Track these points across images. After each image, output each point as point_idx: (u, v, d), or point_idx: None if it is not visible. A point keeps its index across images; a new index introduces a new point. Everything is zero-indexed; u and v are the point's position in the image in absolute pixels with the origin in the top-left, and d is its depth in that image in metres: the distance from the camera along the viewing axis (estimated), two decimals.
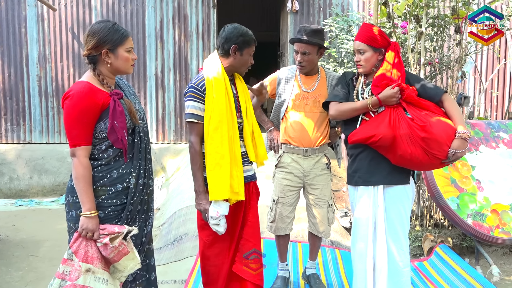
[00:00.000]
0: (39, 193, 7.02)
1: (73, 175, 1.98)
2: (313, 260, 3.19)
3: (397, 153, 2.35)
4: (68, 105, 1.96)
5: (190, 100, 2.36)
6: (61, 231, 5.02)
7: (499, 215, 3.48)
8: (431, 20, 4.28)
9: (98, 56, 2.04)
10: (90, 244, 1.98)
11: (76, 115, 1.95)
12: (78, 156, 1.97)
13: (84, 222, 1.96)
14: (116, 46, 2.04)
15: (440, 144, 2.29)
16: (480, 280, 3.18)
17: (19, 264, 4.04)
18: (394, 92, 2.35)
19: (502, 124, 4.02)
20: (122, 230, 2.00)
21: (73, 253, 1.95)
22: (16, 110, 7.37)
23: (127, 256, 2.02)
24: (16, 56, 7.29)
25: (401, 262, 2.44)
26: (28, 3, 7.22)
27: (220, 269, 2.45)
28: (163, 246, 4.21)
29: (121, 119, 2.02)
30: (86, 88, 1.98)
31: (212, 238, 2.42)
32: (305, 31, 2.84)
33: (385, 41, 2.48)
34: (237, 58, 2.42)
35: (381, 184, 2.45)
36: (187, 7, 7.33)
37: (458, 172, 3.61)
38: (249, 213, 2.48)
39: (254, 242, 2.47)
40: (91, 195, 1.98)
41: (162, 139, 7.46)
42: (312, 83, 2.95)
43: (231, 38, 2.39)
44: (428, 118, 2.33)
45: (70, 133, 1.98)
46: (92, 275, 1.95)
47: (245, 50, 2.41)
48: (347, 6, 7.36)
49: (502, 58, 6.05)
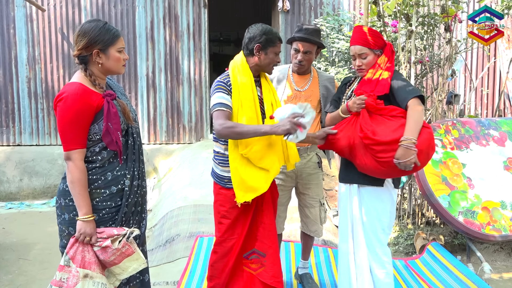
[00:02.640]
0: (29, 195, 6.95)
1: (69, 179, 1.94)
2: (305, 259, 3.18)
3: (356, 162, 2.37)
4: (62, 108, 1.91)
5: (219, 92, 2.35)
6: (52, 234, 4.97)
7: (490, 212, 3.50)
8: (421, 19, 4.29)
9: (89, 56, 2.00)
10: (87, 249, 1.95)
11: (70, 118, 1.91)
12: (73, 159, 1.93)
13: (81, 226, 1.93)
14: (108, 46, 2.01)
15: (387, 151, 2.21)
16: (472, 277, 3.20)
17: (9, 267, 3.99)
18: (357, 101, 2.36)
19: (492, 121, 4.04)
20: (121, 232, 1.98)
21: (70, 259, 1.93)
22: (5, 112, 7.29)
23: (130, 257, 2.00)
24: (5, 57, 7.21)
25: (378, 268, 2.40)
26: (17, 3, 7.14)
27: (226, 265, 2.46)
28: (155, 247, 4.18)
29: (115, 120, 1.99)
30: (80, 89, 1.94)
31: (224, 236, 2.46)
32: (307, 30, 2.80)
33: (382, 42, 2.45)
34: (261, 57, 2.41)
35: (354, 183, 2.46)
36: (177, 7, 7.29)
37: (449, 170, 3.63)
38: (264, 214, 2.48)
39: (270, 244, 2.45)
40: (87, 199, 1.95)
41: (153, 140, 7.42)
42: (305, 83, 2.94)
43: (255, 37, 2.38)
44: (376, 126, 2.27)
45: (64, 136, 1.93)
46: (90, 280, 1.93)
47: (270, 49, 2.40)
48: (338, 5, 7.36)
49: (492, 56, 6.09)
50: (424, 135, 2.23)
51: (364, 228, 2.42)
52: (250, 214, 2.44)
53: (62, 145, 1.96)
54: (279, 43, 2.43)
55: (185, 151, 6.89)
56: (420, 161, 2.21)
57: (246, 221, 2.44)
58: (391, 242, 4.05)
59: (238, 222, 2.44)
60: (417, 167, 2.23)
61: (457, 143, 3.78)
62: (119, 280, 2.07)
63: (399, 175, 2.39)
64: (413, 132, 2.20)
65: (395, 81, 2.38)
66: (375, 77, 2.38)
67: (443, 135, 3.78)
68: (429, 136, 2.26)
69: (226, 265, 2.45)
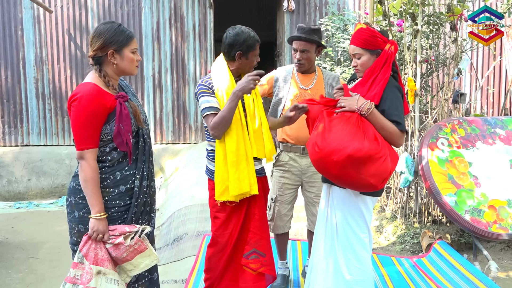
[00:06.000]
0: (37, 195, 7.01)
1: (81, 177, 1.98)
2: None
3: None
4: (76, 108, 1.95)
5: (204, 96, 2.41)
6: (60, 233, 5.03)
7: (497, 211, 3.50)
8: (426, 18, 4.30)
9: (104, 57, 2.05)
10: (100, 246, 1.99)
11: (84, 118, 1.95)
12: (86, 158, 1.97)
13: (94, 224, 1.98)
14: (122, 47, 2.06)
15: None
16: (479, 276, 3.20)
17: (19, 266, 4.04)
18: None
19: (498, 120, 4.04)
20: (133, 229, 2.02)
21: (84, 256, 1.97)
22: (13, 113, 7.36)
23: (143, 253, 2.05)
24: (12, 58, 7.28)
25: (348, 274, 2.33)
26: (24, 5, 7.21)
27: (221, 259, 2.51)
28: (162, 246, 4.22)
29: (127, 122, 2.03)
30: (94, 90, 1.98)
31: (219, 231, 2.51)
32: (303, 30, 2.88)
33: (381, 42, 2.33)
34: (243, 62, 2.46)
35: (327, 182, 2.43)
36: (183, 8, 7.33)
37: (455, 169, 3.63)
38: (256, 207, 2.52)
39: (262, 234, 2.51)
40: (100, 197, 1.99)
41: (160, 140, 7.47)
42: (309, 82, 2.98)
43: (235, 45, 2.42)
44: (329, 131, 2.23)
45: (78, 136, 1.97)
46: (103, 276, 1.97)
47: (250, 53, 2.45)
48: (343, 5, 7.37)
49: (498, 55, 6.07)
50: (375, 146, 2.15)
51: (340, 236, 2.37)
52: (244, 208, 2.50)
53: (75, 145, 2.00)
54: (257, 45, 2.48)
55: (191, 151, 6.93)
56: (345, 166, 2.12)
57: (240, 216, 2.49)
58: (397, 241, 4.06)
59: (232, 217, 2.49)
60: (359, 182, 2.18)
61: (464, 142, 3.78)
62: (130, 277, 2.10)
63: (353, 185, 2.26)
64: (378, 115, 2.22)
65: (385, 101, 2.28)
66: (368, 81, 2.33)
67: (449, 134, 3.79)
68: (376, 152, 2.14)
69: (221, 258, 2.51)
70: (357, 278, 2.34)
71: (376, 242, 4.15)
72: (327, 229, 2.43)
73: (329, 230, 2.41)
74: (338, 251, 2.37)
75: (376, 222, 4.42)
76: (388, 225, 4.30)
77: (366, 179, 2.14)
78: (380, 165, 2.15)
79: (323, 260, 2.42)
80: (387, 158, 2.18)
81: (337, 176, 2.20)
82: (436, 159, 3.63)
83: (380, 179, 2.18)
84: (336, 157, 2.11)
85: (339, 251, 2.37)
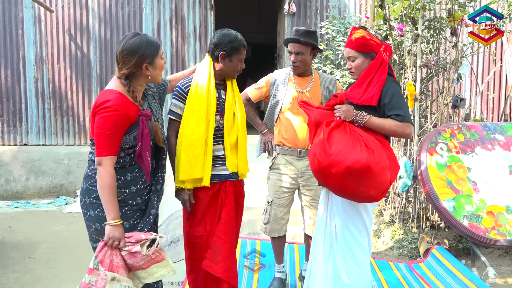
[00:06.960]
0: (35, 194, 7.00)
1: (99, 184, 1.99)
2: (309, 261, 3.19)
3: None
4: (104, 115, 1.97)
5: (174, 99, 2.45)
6: (57, 233, 5.01)
7: (495, 217, 3.49)
8: (427, 23, 4.30)
9: (138, 72, 2.06)
10: (115, 253, 2.00)
11: (110, 126, 1.97)
12: (104, 165, 1.98)
13: (110, 231, 1.99)
14: (154, 57, 2.08)
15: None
16: (476, 282, 3.19)
17: (15, 266, 4.03)
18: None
19: (498, 126, 4.04)
20: (149, 237, 2.03)
21: (99, 263, 1.97)
22: (12, 112, 7.35)
23: (160, 263, 2.06)
24: (13, 57, 7.28)
25: (347, 278, 2.33)
26: (25, 4, 7.21)
27: (199, 261, 2.50)
28: None
29: (147, 141, 2.06)
30: (122, 99, 2.01)
31: (191, 232, 2.52)
32: (298, 32, 2.88)
33: (376, 46, 2.34)
34: (226, 64, 2.44)
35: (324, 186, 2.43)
36: (184, 9, 7.33)
37: (454, 174, 3.62)
38: (223, 210, 2.49)
39: (226, 239, 2.46)
40: (116, 204, 2.01)
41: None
42: (306, 85, 2.98)
43: (220, 44, 2.41)
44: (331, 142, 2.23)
45: (100, 142, 1.98)
46: (118, 283, 1.98)
47: (234, 56, 2.43)
48: (343, 9, 7.38)
49: (498, 60, 6.07)
50: (374, 156, 2.14)
51: (339, 240, 2.37)
52: (217, 212, 2.48)
53: (95, 150, 2.01)
54: (243, 50, 2.45)
55: None
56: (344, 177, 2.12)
57: (214, 218, 2.48)
58: (395, 246, 4.04)
59: (205, 218, 2.48)
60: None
61: (463, 147, 3.77)
62: (142, 283, 2.12)
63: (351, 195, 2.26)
64: (375, 121, 2.23)
65: (386, 95, 2.28)
66: (364, 83, 2.33)
67: (448, 139, 3.78)
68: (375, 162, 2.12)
69: (198, 259, 2.49)
70: (355, 282, 2.34)
71: (374, 247, 4.13)
72: (326, 233, 2.42)
73: (328, 234, 2.41)
74: (337, 255, 2.36)
75: (374, 227, 4.41)
76: (386, 230, 4.28)
77: (366, 191, 2.15)
78: (380, 177, 2.15)
79: (322, 264, 2.41)
80: (386, 169, 2.17)
81: (337, 188, 2.22)
82: (435, 164, 3.63)
83: (379, 190, 2.18)
84: (335, 170, 2.12)
85: (338, 255, 2.36)
